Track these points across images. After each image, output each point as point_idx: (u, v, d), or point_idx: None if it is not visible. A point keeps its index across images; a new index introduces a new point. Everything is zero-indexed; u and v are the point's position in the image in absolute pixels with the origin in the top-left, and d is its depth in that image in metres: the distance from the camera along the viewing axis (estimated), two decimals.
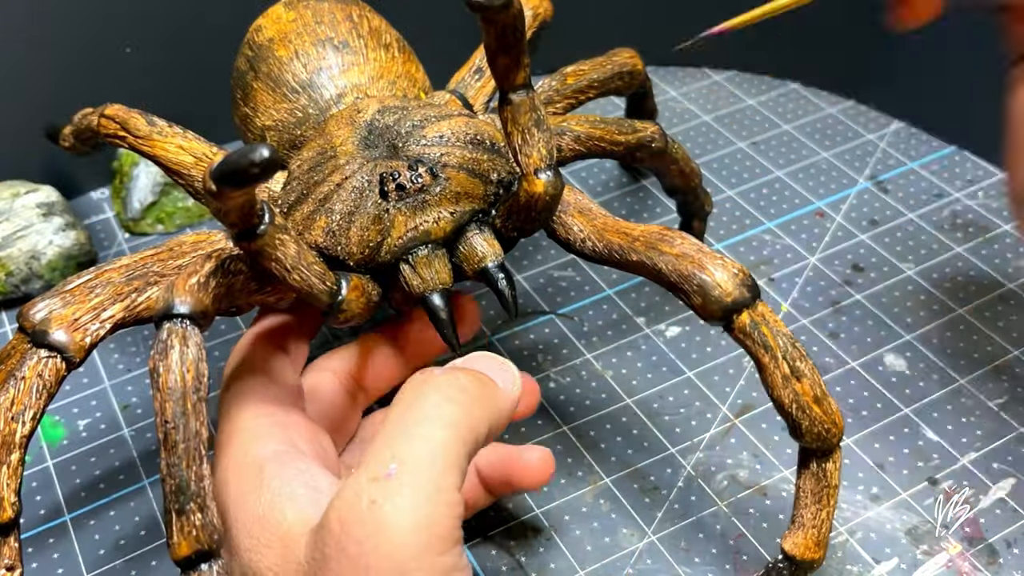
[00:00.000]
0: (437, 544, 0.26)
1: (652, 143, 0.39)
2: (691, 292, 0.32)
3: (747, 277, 0.32)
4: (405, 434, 0.28)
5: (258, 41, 0.40)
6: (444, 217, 0.34)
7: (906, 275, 0.48)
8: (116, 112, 0.39)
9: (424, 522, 0.26)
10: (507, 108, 0.32)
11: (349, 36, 0.39)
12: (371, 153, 0.35)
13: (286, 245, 0.30)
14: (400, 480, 0.26)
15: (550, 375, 0.44)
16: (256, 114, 0.39)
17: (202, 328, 0.29)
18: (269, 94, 0.39)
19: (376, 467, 0.27)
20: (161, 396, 0.28)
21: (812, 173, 0.54)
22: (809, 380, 0.32)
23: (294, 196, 0.35)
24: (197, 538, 0.28)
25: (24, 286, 0.48)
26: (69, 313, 0.32)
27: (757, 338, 0.32)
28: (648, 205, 0.53)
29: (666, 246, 0.33)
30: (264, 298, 0.34)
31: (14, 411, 0.31)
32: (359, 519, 0.26)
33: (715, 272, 0.32)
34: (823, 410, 0.32)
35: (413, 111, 0.36)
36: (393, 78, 0.39)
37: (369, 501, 0.26)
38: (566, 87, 0.41)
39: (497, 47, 0.30)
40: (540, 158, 0.33)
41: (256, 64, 0.40)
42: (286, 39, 0.39)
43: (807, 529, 0.33)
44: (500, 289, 0.34)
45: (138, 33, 0.51)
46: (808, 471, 0.33)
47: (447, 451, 0.27)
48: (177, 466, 0.28)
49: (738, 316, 0.32)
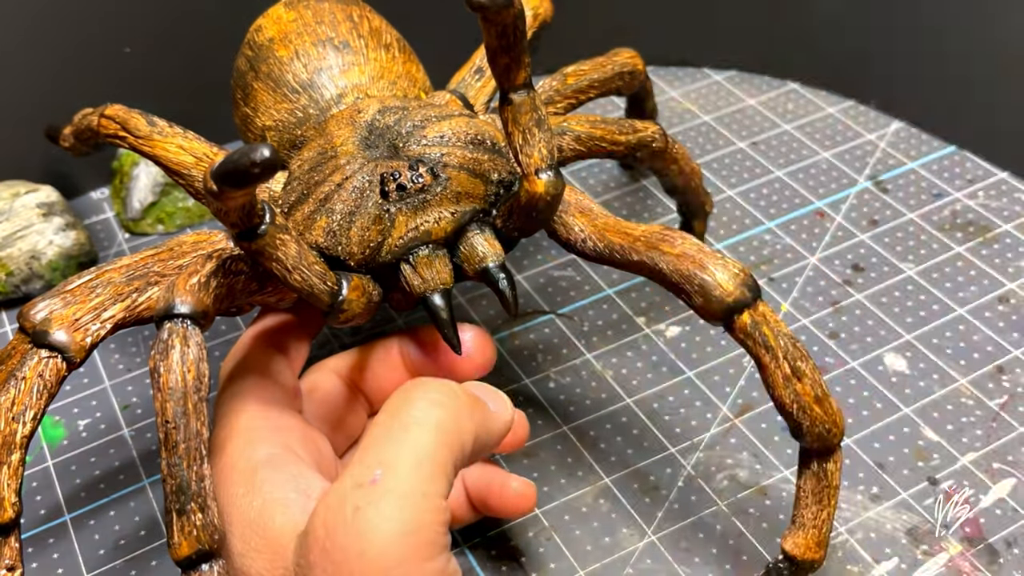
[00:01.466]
0: (423, 550, 0.26)
1: (653, 143, 0.39)
2: (692, 292, 0.32)
3: (748, 277, 0.32)
4: (390, 439, 0.28)
5: (258, 41, 0.40)
6: (445, 217, 0.34)
7: (906, 275, 0.48)
8: (116, 112, 0.39)
9: (409, 528, 0.26)
10: (508, 108, 0.32)
11: (349, 36, 0.39)
12: (372, 153, 0.35)
13: (287, 245, 0.30)
14: (385, 486, 0.26)
15: (550, 375, 0.44)
16: (256, 114, 0.39)
17: (203, 328, 0.29)
18: (270, 94, 0.39)
19: (361, 472, 0.27)
20: (162, 396, 0.28)
21: (812, 173, 0.54)
22: (810, 380, 0.32)
23: (294, 196, 0.35)
24: (198, 538, 0.28)
25: (24, 286, 0.48)
26: (70, 313, 0.32)
27: (758, 338, 0.32)
28: (648, 205, 0.53)
29: (667, 246, 0.33)
30: (265, 298, 0.34)
31: (15, 411, 0.30)
32: (343, 525, 0.26)
33: (716, 272, 0.32)
34: (824, 410, 0.32)
35: (414, 111, 0.36)
36: (393, 78, 0.39)
37: (353, 507, 0.26)
38: (567, 87, 0.41)
39: (498, 47, 0.30)
40: (541, 158, 0.33)
41: (256, 64, 0.40)
42: (286, 39, 0.39)
43: (808, 529, 0.33)
44: (501, 289, 0.34)
45: (138, 33, 0.51)
46: (809, 471, 0.33)
47: (433, 457, 0.27)
48: (178, 466, 0.28)
49: (739, 316, 0.32)
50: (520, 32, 0.30)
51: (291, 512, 0.29)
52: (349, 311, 0.33)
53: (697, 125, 0.57)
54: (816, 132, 0.56)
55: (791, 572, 0.33)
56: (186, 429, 0.28)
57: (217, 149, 0.38)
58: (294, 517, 0.29)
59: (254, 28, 0.41)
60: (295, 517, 0.29)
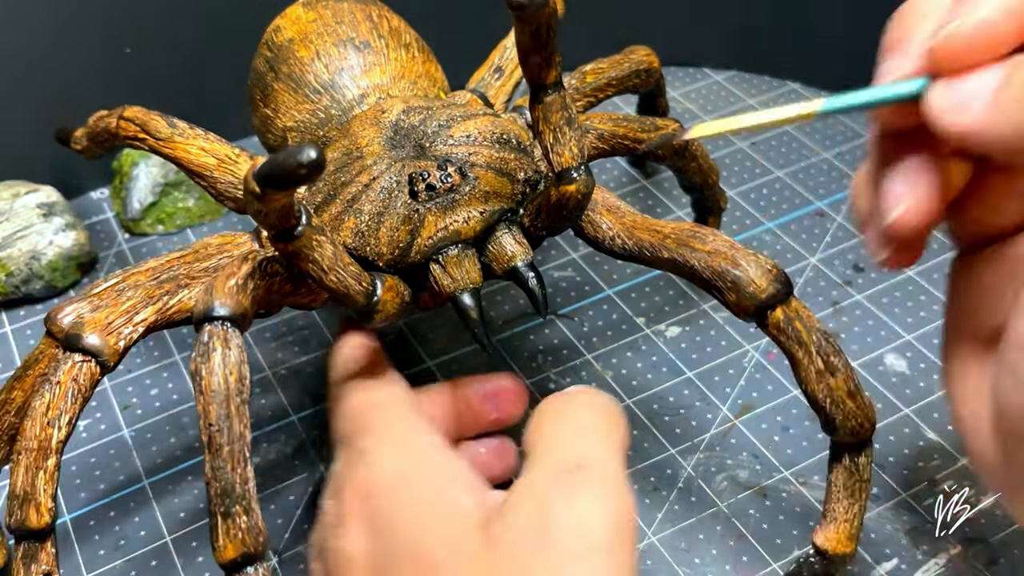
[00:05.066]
0: (628, 539, 0.26)
1: (674, 140, 0.39)
2: (725, 289, 0.33)
3: (780, 273, 0.32)
4: (577, 438, 0.28)
5: (277, 41, 0.40)
6: (474, 216, 0.34)
7: (906, 275, 0.48)
8: (135, 114, 0.39)
9: (616, 514, 0.26)
10: (539, 107, 0.32)
11: (370, 36, 0.39)
12: (398, 153, 0.35)
13: (323, 246, 0.30)
14: (590, 473, 0.27)
15: (550, 376, 0.44)
16: (277, 115, 0.39)
17: (242, 330, 0.29)
18: (291, 95, 0.39)
19: (561, 463, 0.27)
20: (204, 399, 0.28)
21: (812, 173, 0.54)
22: (843, 375, 0.32)
23: (320, 197, 0.35)
24: (243, 541, 0.28)
25: (24, 286, 0.48)
26: (101, 317, 0.31)
27: (791, 334, 0.32)
28: (649, 205, 0.53)
29: (698, 243, 0.33)
30: (298, 300, 0.33)
31: (50, 416, 0.30)
32: (550, 512, 0.26)
33: (749, 268, 0.32)
34: (857, 405, 0.32)
35: (438, 111, 0.36)
36: (414, 78, 0.39)
37: (564, 492, 0.26)
38: (585, 85, 0.41)
39: (531, 45, 0.30)
40: (572, 156, 0.33)
41: (276, 65, 0.40)
42: (307, 39, 0.39)
43: (840, 523, 0.33)
44: (531, 288, 0.34)
45: (138, 33, 0.51)
46: (841, 465, 0.33)
47: (621, 454, 0.28)
48: (222, 469, 0.27)
49: (772, 312, 0.32)
50: (553, 31, 0.30)
51: (477, 495, 0.29)
52: (383, 312, 0.32)
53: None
54: (816, 132, 0.56)
55: (823, 566, 0.34)
56: (230, 432, 0.28)
57: (239, 150, 0.37)
58: (481, 499, 0.29)
59: (272, 29, 0.41)
60: (483, 500, 0.29)
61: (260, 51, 0.41)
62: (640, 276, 0.48)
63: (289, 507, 0.39)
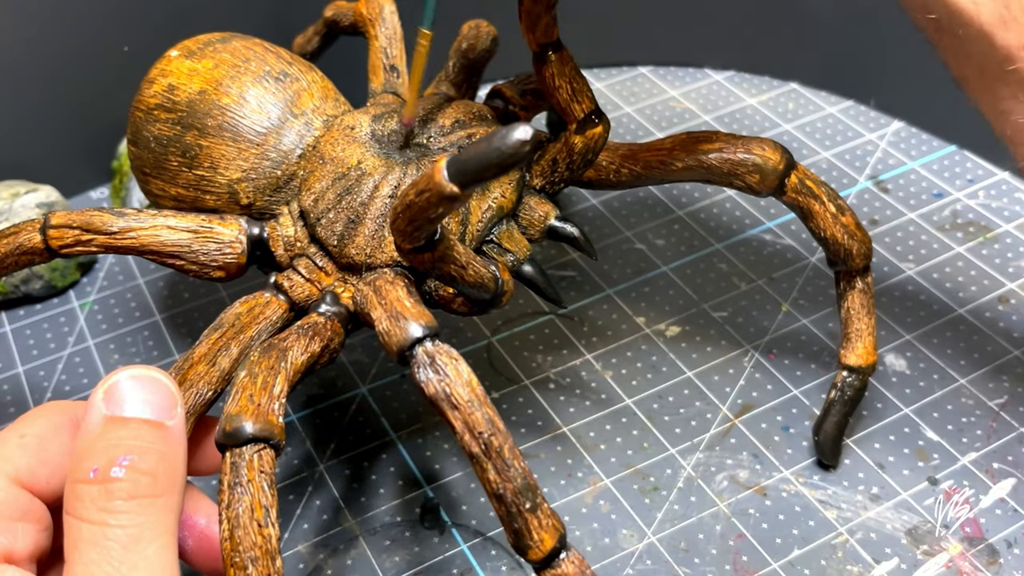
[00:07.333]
0: None
1: None
2: (747, 173, 0.35)
3: (778, 144, 0.36)
4: None
5: (181, 99, 0.37)
6: (506, 187, 0.35)
7: (906, 275, 0.48)
8: (66, 219, 0.34)
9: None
10: (548, 65, 0.34)
11: (281, 64, 0.38)
12: (401, 158, 0.35)
13: (456, 245, 0.31)
14: None
15: (550, 376, 0.44)
16: (216, 172, 0.36)
17: None
18: (229, 145, 0.36)
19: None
20: (463, 412, 0.28)
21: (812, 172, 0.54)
22: (849, 212, 0.37)
23: (341, 226, 0.34)
24: (555, 526, 0.28)
25: (24, 286, 0.48)
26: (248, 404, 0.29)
27: (806, 191, 0.36)
28: (641, 198, 0.53)
29: (705, 144, 0.36)
30: None
31: (258, 517, 0.28)
32: None
33: (761, 149, 0.35)
34: (863, 233, 0.37)
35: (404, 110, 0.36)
36: (334, 95, 0.38)
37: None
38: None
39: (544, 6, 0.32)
40: (592, 101, 0.35)
41: (195, 122, 0.36)
42: (221, 86, 0.36)
43: (864, 337, 0.38)
44: (572, 234, 0.36)
45: (137, 33, 0.51)
46: (855, 290, 0.38)
47: None
48: (511, 467, 0.28)
49: (788, 179, 0.36)
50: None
51: None
52: (509, 291, 0.34)
53: (697, 125, 0.57)
54: (816, 132, 0.56)
55: (858, 382, 0.38)
56: (500, 431, 0.28)
57: (207, 215, 0.35)
58: None
59: (155, 92, 0.37)
60: None
61: (153, 117, 0.37)
62: (640, 276, 0.48)
63: (289, 507, 0.39)
